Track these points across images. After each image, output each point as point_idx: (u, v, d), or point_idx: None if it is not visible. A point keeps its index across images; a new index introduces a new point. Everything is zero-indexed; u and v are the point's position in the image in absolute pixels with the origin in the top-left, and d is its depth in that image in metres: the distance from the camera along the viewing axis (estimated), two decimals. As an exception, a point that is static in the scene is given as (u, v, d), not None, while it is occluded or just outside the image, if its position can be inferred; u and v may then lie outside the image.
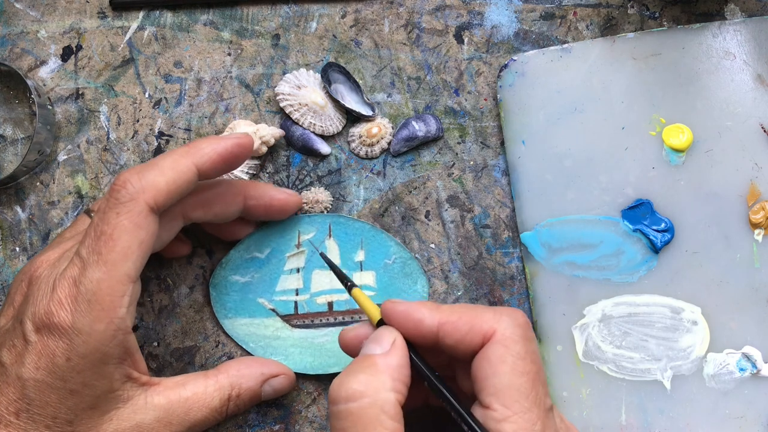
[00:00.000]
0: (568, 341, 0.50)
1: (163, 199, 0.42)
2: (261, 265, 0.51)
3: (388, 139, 0.52)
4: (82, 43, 0.54)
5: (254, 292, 0.51)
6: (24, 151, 0.53)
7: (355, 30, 0.54)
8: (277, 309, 0.51)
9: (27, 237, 0.53)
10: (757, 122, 0.51)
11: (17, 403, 0.41)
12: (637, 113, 0.51)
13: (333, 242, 0.51)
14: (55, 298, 0.40)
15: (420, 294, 0.51)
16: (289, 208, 0.50)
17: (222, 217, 0.48)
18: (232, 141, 0.45)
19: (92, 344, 0.40)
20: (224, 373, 0.47)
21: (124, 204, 0.41)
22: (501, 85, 0.52)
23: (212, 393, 0.46)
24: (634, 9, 0.53)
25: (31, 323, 0.41)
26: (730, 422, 0.49)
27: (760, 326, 0.49)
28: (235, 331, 0.51)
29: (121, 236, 0.40)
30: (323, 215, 0.52)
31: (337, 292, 0.51)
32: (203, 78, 0.54)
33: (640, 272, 0.50)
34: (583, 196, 0.51)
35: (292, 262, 0.51)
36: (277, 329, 0.51)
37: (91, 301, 0.40)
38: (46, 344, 0.40)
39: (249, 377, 0.47)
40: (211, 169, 0.44)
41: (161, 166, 0.42)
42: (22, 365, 0.40)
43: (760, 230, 0.50)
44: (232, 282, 0.51)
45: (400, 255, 0.51)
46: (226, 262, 0.51)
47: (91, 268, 0.40)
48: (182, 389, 0.45)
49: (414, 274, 0.51)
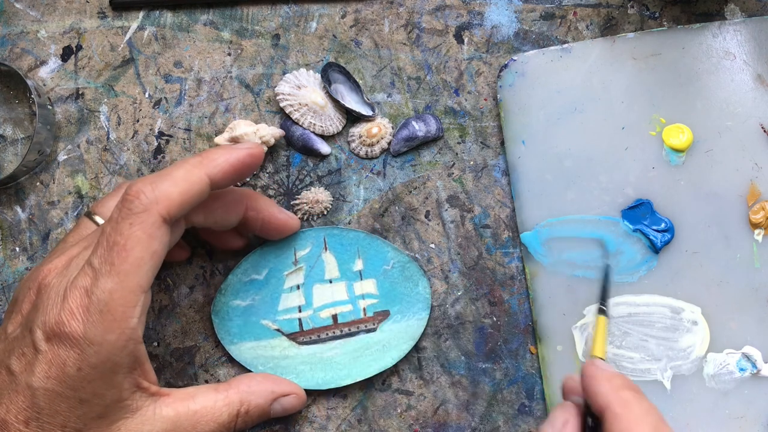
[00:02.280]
0: (568, 341, 0.50)
1: (176, 210, 0.42)
2: (261, 287, 0.51)
3: (388, 139, 0.52)
4: (82, 43, 0.54)
5: (257, 315, 0.51)
6: (24, 151, 0.53)
7: (355, 30, 0.54)
8: (282, 328, 0.51)
9: (27, 237, 0.53)
10: (757, 122, 0.51)
11: (27, 411, 0.40)
12: (637, 113, 0.51)
13: (330, 255, 0.51)
14: (67, 307, 0.40)
15: (422, 295, 0.51)
16: (286, 230, 0.50)
17: (221, 223, 0.47)
18: (244, 151, 0.45)
19: (103, 354, 0.40)
20: (235, 388, 0.47)
21: (138, 215, 0.41)
22: (501, 85, 0.52)
23: (221, 407, 0.46)
24: (634, 9, 0.53)
25: (42, 332, 0.40)
26: (730, 422, 0.49)
27: (760, 326, 0.49)
28: (243, 356, 0.51)
29: (134, 247, 0.40)
30: (316, 229, 0.51)
31: (340, 304, 0.51)
32: (203, 78, 0.54)
33: (640, 272, 0.50)
34: (583, 196, 0.51)
35: (292, 280, 0.51)
36: (285, 348, 0.51)
37: (103, 311, 0.40)
38: (57, 353, 0.40)
39: (259, 394, 0.47)
40: (223, 180, 0.44)
41: (174, 177, 0.42)
42: (32, 374, 0.40)
43: (760, 230, 0.50)
44: (234, 307, 0.51)
45: (398, 259, 0.51)
46: (226, 288, 0.51)
47: (103, 278, 0.40)
48: (191, 402, 0.45)
49: (414, 277, 0.51)
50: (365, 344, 0.51)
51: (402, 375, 0.51)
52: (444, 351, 0.51)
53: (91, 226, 0.47)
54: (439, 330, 0.51)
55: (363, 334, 0.51)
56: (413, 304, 0.51)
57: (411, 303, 0.51)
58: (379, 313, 0.51)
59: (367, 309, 0.51)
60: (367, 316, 0.51)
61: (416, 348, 0.51)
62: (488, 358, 0.51)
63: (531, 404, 0.51)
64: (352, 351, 0.50)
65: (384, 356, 0.50)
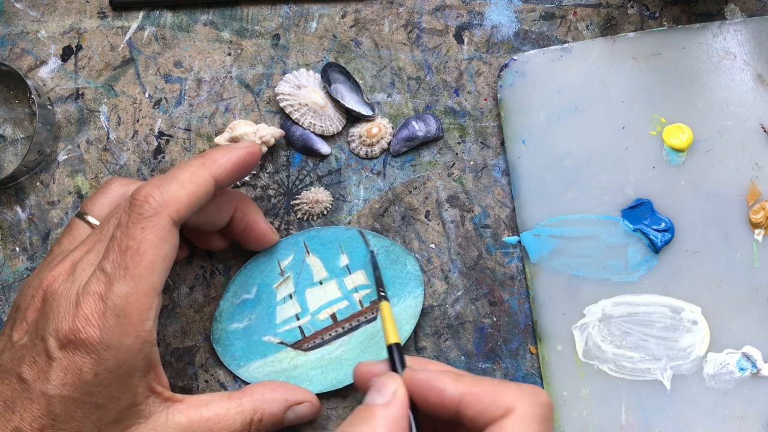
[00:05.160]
0: (568, 341, 0.50)
1: (184, 212, 0.42)
2: (254, 305, 0.51)
3: (388, 139, 0.52)
4: (82, 43, 0.54)
5: (257, 333, 0.51)
6: (24, 151, 0.53)
7: (355, 30, 0.54)
8: (285, 340, 0.51)
9: (27, 237, 0.53)
10: (758, 122, 0.51)
11: (42, 419, 0.41)
12: (638, 113, 0.51)
13: (314, 257, 0.51)
14: (81, 314, 0.40)
15: (413, 273, 0.51)
16: (265, 241, 0.50)
17: (211, 223, 0.48)
18: (244, 150, 0.45)
19: (120, 358, 0.40)
20: (248, 396, 0.47)
21: (149, 219, 0.41)
22: (501, 84, 0.52)
23: (234, 416, 0.46)
24: (634, 9, 0.53)
25: (55, 340, 0.41)
26: (730, 422, 0.49)
27: (760, 326, 0.49)
28: (253, 377, 0.51)
29: (147, 250, 0.41)
30: (294, 236, 0.51)
31: (336, 302, 0.51)
32: (203, 78, 0.54)
33: (640, 272, 0.50)
34: (583, 196, 0.51)
35: (282, 291, 0.51)
36: (292, 359, 0.51)
37: (120, 316, 0.40)
38: (73, 360, 0.40)
39: (273, 402, 0.47)
40: (226, 180, 0.44)
41: (181, 179, 0.42)
42: (47, 382, 0.40)
43: (760, 230, 0.50)
44: (232, 331, 0.51)
45: (381, 244, 0.51)
46: (220, 315, 0.51)
47: (118, 282, 0.40)
48: (204, 409, 0.45)
49: (401, 258, 0.51)
50: (369, 335, 0.51)
51: (402, 375, 0.51)
52: (444, 351, 0.51)
53: (84, 227, 0.47)
54: (439, 330, 0.51)
55: (365, 325, 0.51)
56: (406, 284, 0.51)
57: (404, 283, 0.51)
58: (375, 302, 0.51)
59: (363, 300, 0.51)
60: (365, 307, 0.51)
61: (416, 348, 0.51)
62: (488, 358, 0.51)
63: (531, 404, 0.51)
64: (358, 345, 0.51)
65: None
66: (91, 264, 0.42)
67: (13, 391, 0.41)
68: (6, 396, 0.41)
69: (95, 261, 0.42)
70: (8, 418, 0.41)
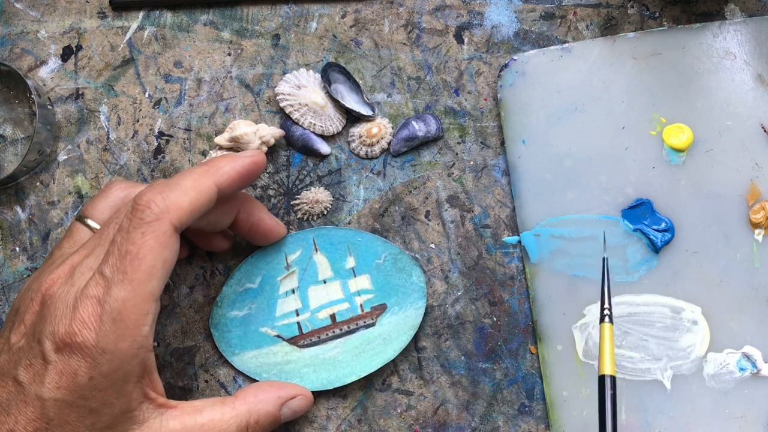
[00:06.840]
0: (568, 341, 0.50)
1: (186, 219, 0.42)
2: (256, 295, 0.51)
3: (388, 139, 0.52)
4: (82, 43, 0.54)
5: (255, 323, 0.51)
6: (24, 151, 0.53)
7: (355, 30, 0.54)
8: (282, 334, 0.51)
9: (27, 237, 0.53)
10: (758, 122, 0.51)
11: (36, 422, 0.41)
12: (638, 113, 0.51)
13: (321, 255, 0.51)
14: (78, 317, 0.40)
15: (417, 285, 0.51)
16: (273, 236, 0.50)
17: (214, 225, 0.48)
18: (248, 159, 0.46)
19: (115, 362, 0.40)
20: (242, 400, 0.47)
21: (150, 224, 0.41)
22: (501, 84, 0.52)
23: (229, 420, 0.45)
24: (634, 9, 0.53)
25: (51, 343, 0.41)
26: (730, 422, 0.49)
27: (760, 326, 0.49)
28: (246, 366, 0.51)
29: (146, 255, 0.41)
30: (305, 231, 0.51)
31: (337, 303, 0.51)
32: (203, 78, 0.54)
33: (640, 272, 0.50)
34: (583, 196, 0.51)
35: (286, 285, 0.51)
36: (286, 354, 0.51)
37: (116, 320, 0.40)
38: (68, 363, 0.40)
39: (266, 402, 0.47)
40: (229, 188, 0.45)
41: (184, 186, 0.42)
42: (41, 385, 0.40)
43: (760, 230, 0.50)
44: (231, 318, 0.51)
45: (389, 252, 0.51)
46: (221, 300, 0.51)
47: (116, 287, 0.40)
48: (198, 415, 0.45)
49: (407, 268, 0.51)
50: (366, 340, 0.51)
51: (402, 375, 0.51)
52: (444, 351, 0.51)
53: (85, 231, 0.47)
54: (439, 330, 0.51)
55: (362, 330, 0.51)
56: (409, 294, 0.51)
57: (407, 294, 0.51)
58: (376, 308, 0.51)
59: (364, 305, 0.51)
60: (365, 311, 0.51)
61: (416, 348, 0.51)
62: (488, 358, 0.51)
63: (531, 404, 0.51)
64: (353, 348, 0.51)
65: (386, 349, 0.50)
66: (90, 268, 0.42)
67: (8, 394, 0.41)
68: (2, 398, 0.41)
69: (95, 265, 0.42)
70: (3, 420, 0.41)
